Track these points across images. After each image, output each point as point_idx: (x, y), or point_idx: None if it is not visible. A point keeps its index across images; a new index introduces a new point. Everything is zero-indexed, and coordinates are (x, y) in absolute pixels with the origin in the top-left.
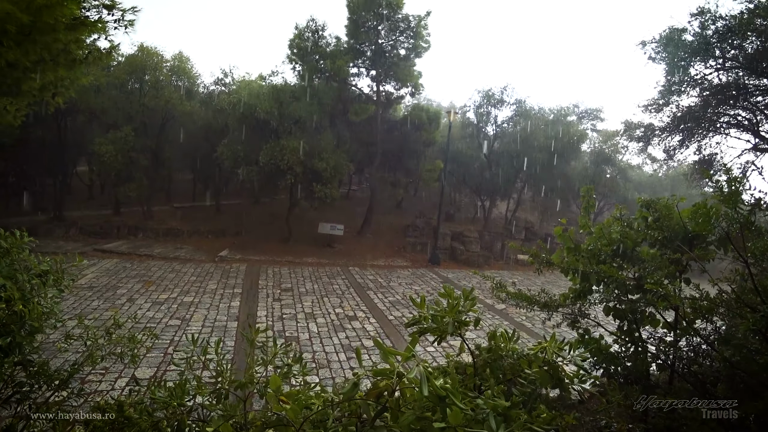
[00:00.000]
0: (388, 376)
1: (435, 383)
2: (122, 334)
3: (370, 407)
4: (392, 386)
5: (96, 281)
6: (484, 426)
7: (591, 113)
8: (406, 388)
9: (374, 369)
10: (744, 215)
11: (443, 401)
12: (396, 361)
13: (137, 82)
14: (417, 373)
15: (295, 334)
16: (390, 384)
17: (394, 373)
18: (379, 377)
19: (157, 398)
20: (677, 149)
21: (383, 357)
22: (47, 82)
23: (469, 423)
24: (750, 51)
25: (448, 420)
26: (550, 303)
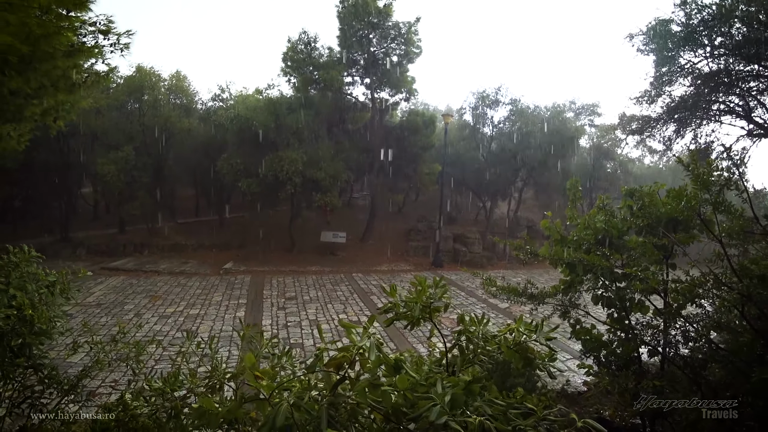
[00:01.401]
0: (348, 350)
1: (384, 352)
2: (128, 341)
3: (331, 377)
4: (351, 358)
5: (104, 298)
6: (431, 391)
7: (588, 108)
8: (364, 360)
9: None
10: (713, 196)
11: (398, 371)
12: (357, 336)
13: (136, 103)
14: (368, 343)
15: (299, 340)
16: (349, 356)
17: (354, 347)
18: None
19: (153, 386)
20: (674, 139)
21: (347, 334)
22: (49, 107)
23: (417, 388)
24: (738, 37)
25: (396, 384)
26: (537, 295)
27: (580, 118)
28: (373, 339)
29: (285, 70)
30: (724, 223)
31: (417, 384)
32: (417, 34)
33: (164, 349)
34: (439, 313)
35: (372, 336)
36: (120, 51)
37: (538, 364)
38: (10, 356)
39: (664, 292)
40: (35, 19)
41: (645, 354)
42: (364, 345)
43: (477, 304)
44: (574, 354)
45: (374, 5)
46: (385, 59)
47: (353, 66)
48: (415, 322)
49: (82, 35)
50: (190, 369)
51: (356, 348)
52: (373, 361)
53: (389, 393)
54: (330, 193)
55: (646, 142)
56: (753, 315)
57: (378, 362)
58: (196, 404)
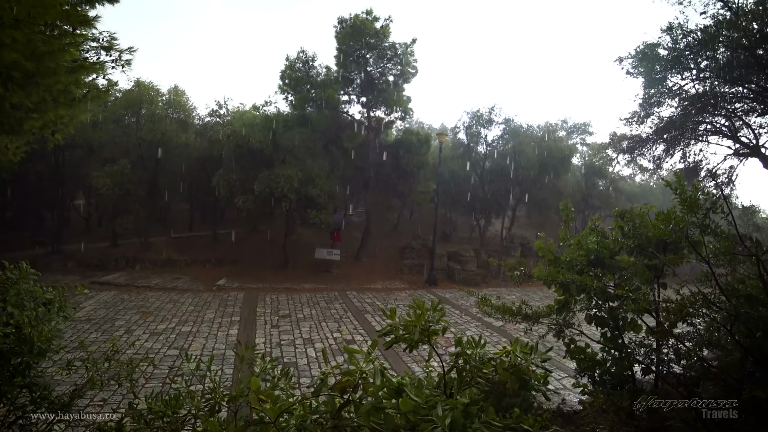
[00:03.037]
0: (352, 374)
1: (388, 376)
2: (121, 360)
3: (336, 401)
4: (354, 381)
5: (94, 314)
6: (432, 414)
7: (579, 128)
8: (367, 384)
9: (342, 370)
10: (700, 219)
11: (400, 394)
12: (359, 361)
13: (134, 117)
14: (373, 368)
15: (293, 359)
16: (353, 380)
17: (357, 371)
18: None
19: (155, 408)
20: (663, 158)
21: (350, 359)
22: (48, 121)
23: (418, 410)
24: (722, 61)
25: (400, 407)
26: (532, 315)
27: (572, 137)
28: (377, 363)
29: (282, 88)
30: (711, 243)
31: (419, 407)
32: (413, 54)
33: (155, 367)
34: (436, 335)
35: (375, 360)
36: (122, 67)
37: (534, 386)
38: (8, 375)
39: (655, 312)
40: (41, 36)
41: (639, 372)
42: (368, 369)
43: (471, 323)
44: (569, 372)
45: (372, 26)
46: (382, 79)
47: (350, 85)
48: (414, 345)
49: (85, 51)
50: (189, 390)
51: (360, 372)
52: (377, 386)
53: (392, 416)
54: (325, 211)
55: (636, 161)
56: (741, 333)
57: (381, 386)
58: (199, 427)
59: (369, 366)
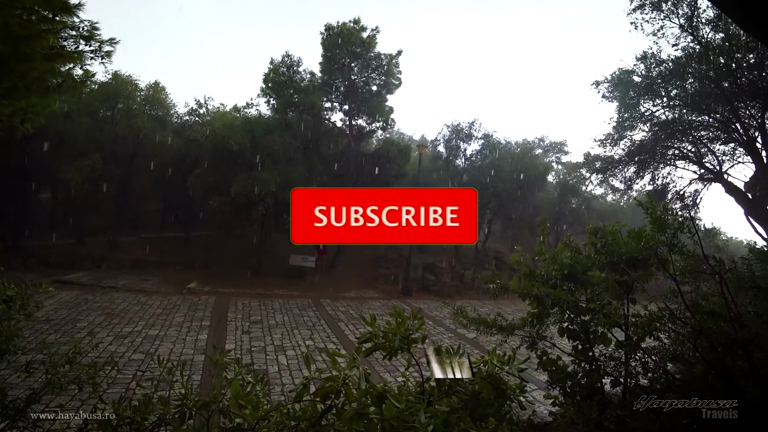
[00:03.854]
0: (335, 380)
1: (372, 382)
2: (82, 363)
3: (317, 406)
4: (337, 387)
5: (54, 314)
6: (416, 421)
7: (556, 146)
8: (349, 390)
9: (324, 375)
10: (669, 238)
11: (382, 401)
12: (341, 367)
13: (109, 110)
14: (356, 374)
15: (264, 366)
16: (335, 385)
17: (341, 377)
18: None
19: (123, 415)
20: (634, 179)
21: (332, 365)
22: (18, 109)
23: (401, 417)
24: (690, 91)
25: (383, 413)
26: (507, 327)
27: (548, 155)
28: (361, 369)
29: (265, 91)
30: (678, 262)
31: (401, 413)
32: (397, 66)
33: (119, 371)
34: (416, 344)
35: (359, 366)
36: (101, 58)
37: (509, 395)
38: None
39: (625, 326)
40: (17, 19)
41: (608, 384)
42: (352, 375)
43: (445, 334)
44: (540, 385)
45: (358, 36)
46: (365, 88)
47: (333, 92)
48: (393, 353)
49: (64, 39)
50: (161, 396)
51: (343, 378)
52: (360, 391)
53: (375, 423)
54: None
55: (609, 181)
56: (704, 347)
57: (365, 392)
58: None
59: (353, 372)
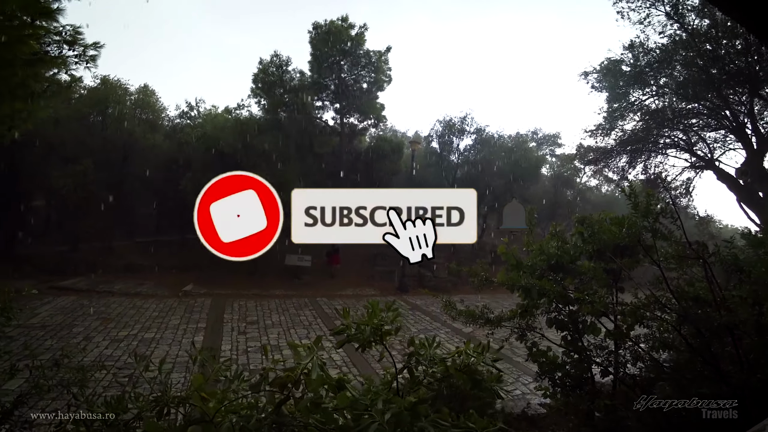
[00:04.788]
0: (293, 370)
1: (327, 371)
2: (71, 365)
3: (275, 397)
4: (294, 377)
5: (50, 320)
6: (373, 410)
7: (549, 139)
8: (309, 380)
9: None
10: (651, 224)
11: (341, 390)
12: (302, 356)
13: (99, 115)
14: (311, 363)
15: (260, 366)
16: (293, 375)
17: (299, 367)
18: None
19: (95, 410)
20: (626, 169)
21: (293, 354)
22: (3, 115)
23: (357, 406)
24: (679, 79)
25: (337, 402)
26: (494, 319)
27: (542, 148)
28: (317, 358)
29: (255, 92)
30: (663, 248)
31: (357, 402)
32: (387, 63)
33: (114, 375)
34: (390, 336)
35: (316, 355)
36: (86, 63)
37: (486, 386)
38: None
39: (613, 315)
40: None
41: (598, 374)
42: (307, 365)
43: (441, 329)
44: (533, 376)
45: (347, 33)
46: (356, 86)
47: (324, 91)
48: (366, 344)
49: (47, 44)
50: (137, 393)
51: (301, 367)
52: (314, 380)
53: (330, 412)
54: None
55: (602, 172)
56: (691, 334)
57: (320, 381)
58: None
59: (310, 361)
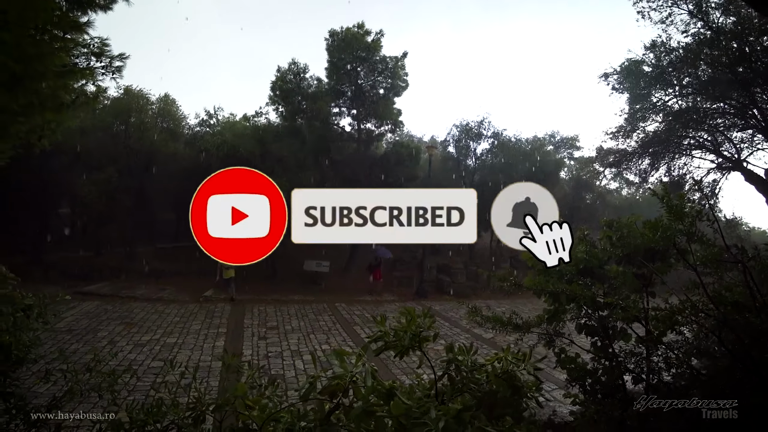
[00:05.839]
0: (342, 378)
1: (379, 379)
2: (102, 371)
3: (325, 406)
4: (345, 385)
5: (75, 324)
6: (425, 418)
7: (567, 142)
8: (357, 387)
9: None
10: (687, 227)
11: (391, 398)
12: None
13: (122, 124)
14: (363, 371)
15: (281, 371)
16: (342, 384)
17: (347, 375)
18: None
19: (135, 418)
20: (649, 172)
21: (339, 362)
22: (35, 125)
23: (410, 414)
24: (703, 78)
25: (391, 410)
26: (523, 325)
27: (560, 151)
28: (368, 366)
29: (273, 99)
30: (698, 252)
31: (411, 410)
32: (404, 68)
33: (139, 378)
34: (428, 342)
35: (366, 363)
36: (112, 74)
37: (526, 393)
38: None
39: (645, 320)
40: (30, 39)
41: (629, 381)
42: (358, 373)
43: (462, 335)
44: (559, 384)
45: (363, 40)
46: (372, 92)
47: (340, 97)
48: (404, 352)
49: (75, 56)
50: (173, 399)
51: (350, 375)
52: (367, 388)
53: (383, 420)
54: None
55: (623, 175)
56: (730, 340)
57: (372, 389)
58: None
59: (359, 369)
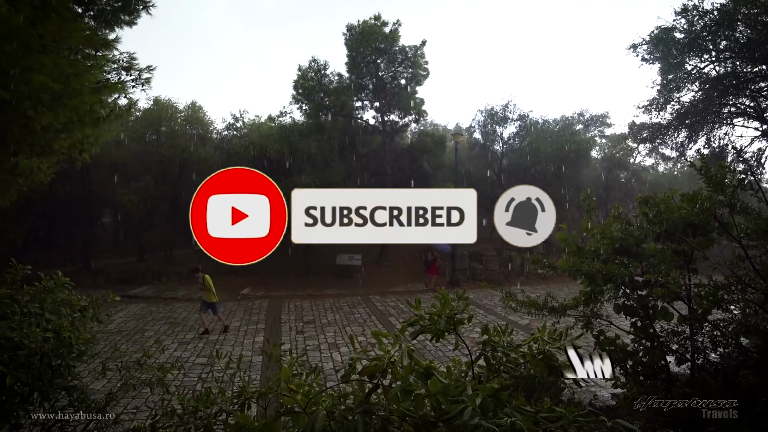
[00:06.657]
0: (381, 359)
1: (415, 357)
2: (152, 364)
3: (364, 386)
4: (383, 366)
5: (124, 325)
6: (463, 395)
7: (597, 119)
8: (395, 368)
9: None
10: (728, 198)
11: (428, 377)
12: (388, 345)
13: (154, 134)
14: (399, 351)
15: (319, 364)
16: (381, 364)
17: (386, 356)
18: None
19: (186, 404)
20: (686, 145)
21: (378, 344)
22: (75, 141)
23: (448, 392)
24: (742, 40)
25: (429, 388)
26: (559, 307)
27: (590, 130)
28: (405, 346)
29: (296, 97)
30: (742, 224)
31: (448, 388)
32: (423, 56)
33: (185, 374)
34: (462, 325)
35: (403, 343)
36: (141, 86)
37: (563, 373)
38: (49, 378)
39: (687, 298)
40: (66, 59)
41: (673, 362)
42: (396, 354)
43: (496, 322)
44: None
45: (381, 31)
46: (394, 83)
47: (362, 91)
48: (439, 335)
49: (107, 72)
50: (221, 388)
51: (388, 356)
52: (405, 367)
53: (421, 398)
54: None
55: (658, 150)
56: None
57: (410, 369)
58: (231, 421)
59: (396, 349)
